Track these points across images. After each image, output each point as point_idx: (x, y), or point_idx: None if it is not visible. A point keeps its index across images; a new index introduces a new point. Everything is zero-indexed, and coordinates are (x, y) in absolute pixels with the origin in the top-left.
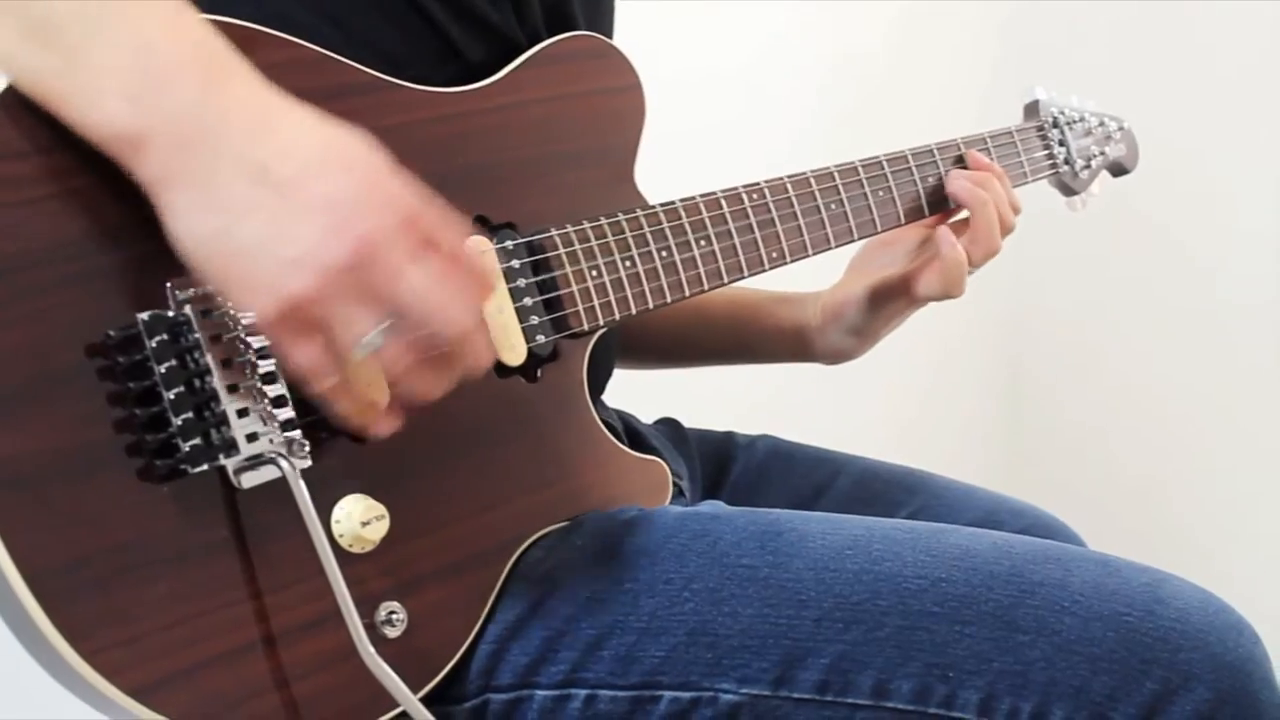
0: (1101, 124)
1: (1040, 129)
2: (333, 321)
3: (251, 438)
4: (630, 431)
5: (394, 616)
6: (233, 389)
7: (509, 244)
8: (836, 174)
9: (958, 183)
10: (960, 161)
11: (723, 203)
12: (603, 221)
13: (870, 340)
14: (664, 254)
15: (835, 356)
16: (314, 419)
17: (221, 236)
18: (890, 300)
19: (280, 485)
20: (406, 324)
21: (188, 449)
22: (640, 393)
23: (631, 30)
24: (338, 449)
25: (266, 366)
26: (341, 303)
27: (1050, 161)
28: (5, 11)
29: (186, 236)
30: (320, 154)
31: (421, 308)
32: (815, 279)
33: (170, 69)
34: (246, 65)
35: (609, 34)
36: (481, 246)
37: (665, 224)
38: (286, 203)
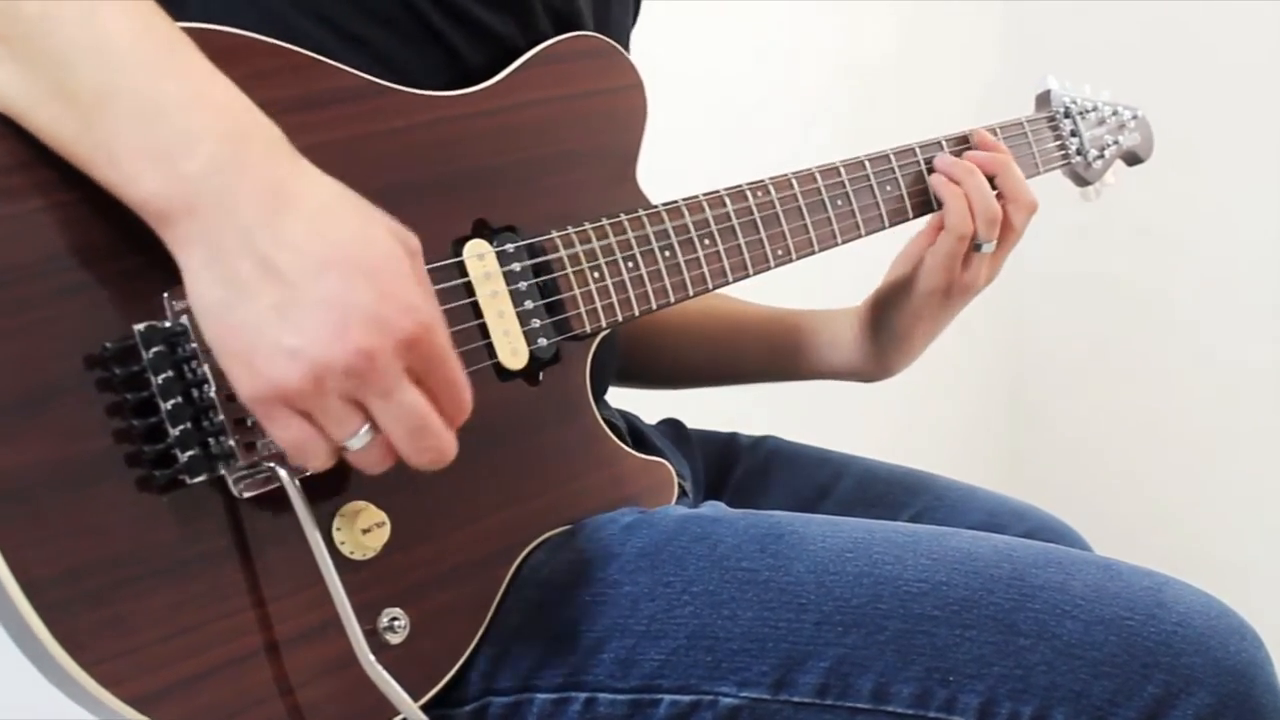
0: (1115, 113)
1: (1051, 119)
2: (318, 416)
3: (250, 447)
4: (633, 431)
5: (396, 623)
6: (231, 398)
7: (510, 247)
8: (842, 170)
9: (932, 178)
10: (967, 146)
11: (726, 200)
12: (604, 222)
13: (903, 344)
14: (667, 254)
15: (871, 368)
16: None
17: (224, 308)
18: (908, 294)
19: (280, 494)
20: (386, 438)
21: (186, 459)
22: (643, 393)
23: (636, 30)
24: None
25: None
26: (329, 402)
27: (1062, 152)
28: (34, 76)
29: (194, 299)
30: (339, 253)
31: (404, 430)
32: (815, 279)
33: (185, 137)
34: (275, 136)
35: (622, 40)
36: (480, 250)
37: (668, 224)
38: (293, 294)
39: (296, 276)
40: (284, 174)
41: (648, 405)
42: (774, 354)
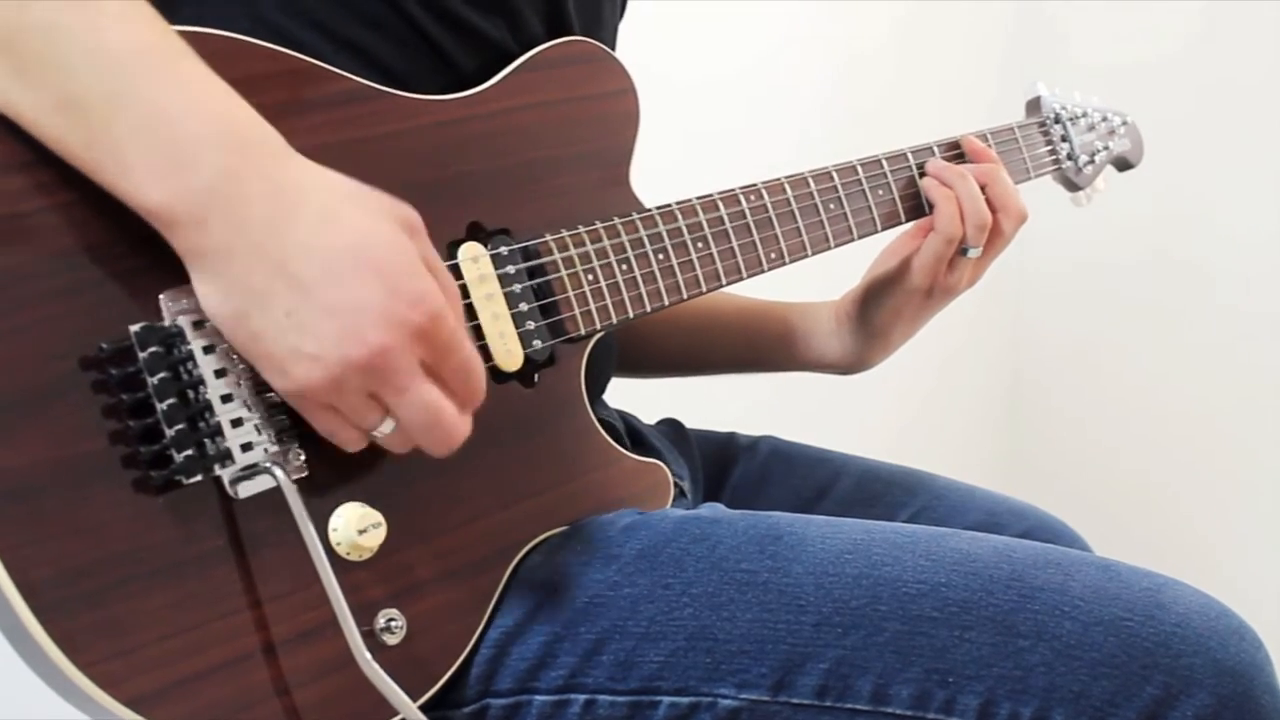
0: (1105, 119)
1: (1042, 125)
2: (342, 410)
3: (246, 447)
4: (631, 432)
5: (393, 624)
6: (227, 399)
7: (504, 249)
8: (835, 174)
9: (924, 181)
10: (958, 152)
11: (719, 205)
12: (598, 226)
13: (881, 339)
14: (660, 258)
15: (849, 361)
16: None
17: (242, 317)
18: (890, 290)
19: (276, 494)
20: (405, 428)
21: (182, 460)
22: (642, 393)
23: (633, 33)
24: (333, 458)
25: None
26: (351, 397)
27: (1053, 157)
28: (40, 86)
29: (210, 311)
30: (346, 254)
31: (419, 423)
32: (813, 284)
33: (189, 145)
34: (275, 140)
35: (610, 43)
36: (474, 253)
37: (661, 227)
38: (306, 300)
39: (308, 281)
40: (287, 178)
41: (646, 405)
42: (751, 345)
